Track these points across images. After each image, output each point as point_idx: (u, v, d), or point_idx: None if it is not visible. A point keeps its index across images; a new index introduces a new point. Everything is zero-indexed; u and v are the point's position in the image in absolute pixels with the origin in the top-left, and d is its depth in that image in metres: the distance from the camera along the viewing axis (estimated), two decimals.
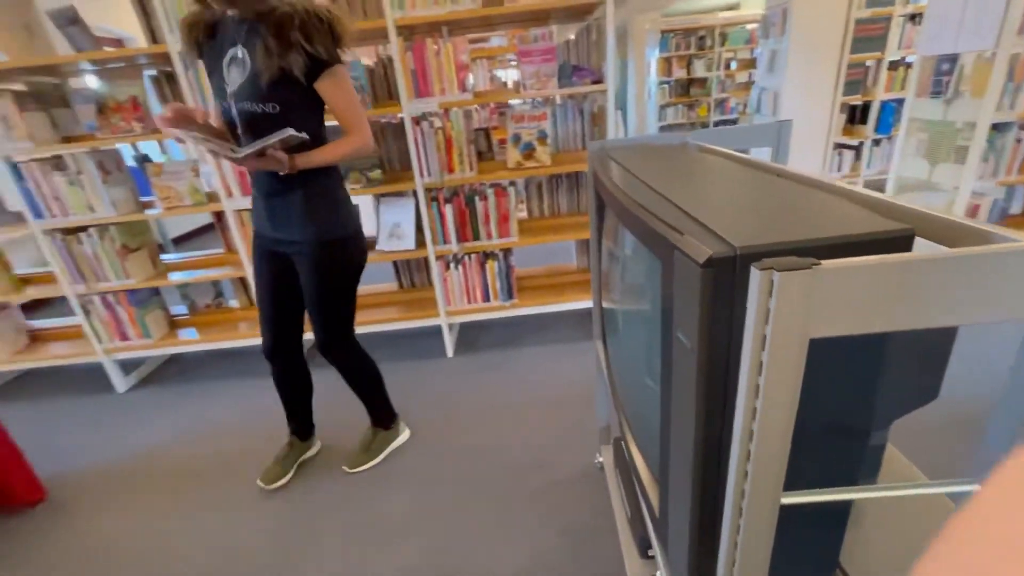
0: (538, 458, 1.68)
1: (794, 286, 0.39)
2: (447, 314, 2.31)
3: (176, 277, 2.29)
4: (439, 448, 1.79)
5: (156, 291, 2.42)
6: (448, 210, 2.12)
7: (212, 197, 2.16)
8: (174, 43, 1.87)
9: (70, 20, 2.05)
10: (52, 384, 2.56)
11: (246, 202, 2.12)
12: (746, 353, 0.42)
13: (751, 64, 6.80)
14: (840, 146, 3.96)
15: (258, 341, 1.62)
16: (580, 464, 1.63)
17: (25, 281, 2.38)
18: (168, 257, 2.52)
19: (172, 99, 2.12)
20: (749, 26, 6.73)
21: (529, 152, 2.15)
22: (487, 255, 2.24)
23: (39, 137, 1.97)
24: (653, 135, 1.30)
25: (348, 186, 2.11)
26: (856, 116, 3.95)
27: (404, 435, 1.83)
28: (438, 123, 2.07)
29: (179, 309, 2.60)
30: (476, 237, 2.20)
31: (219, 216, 2.34)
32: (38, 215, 2.07)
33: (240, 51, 1.24)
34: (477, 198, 2.14)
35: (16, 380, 2.65)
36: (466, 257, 2.23)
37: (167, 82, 2.10)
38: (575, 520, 1.43)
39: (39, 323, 2.63)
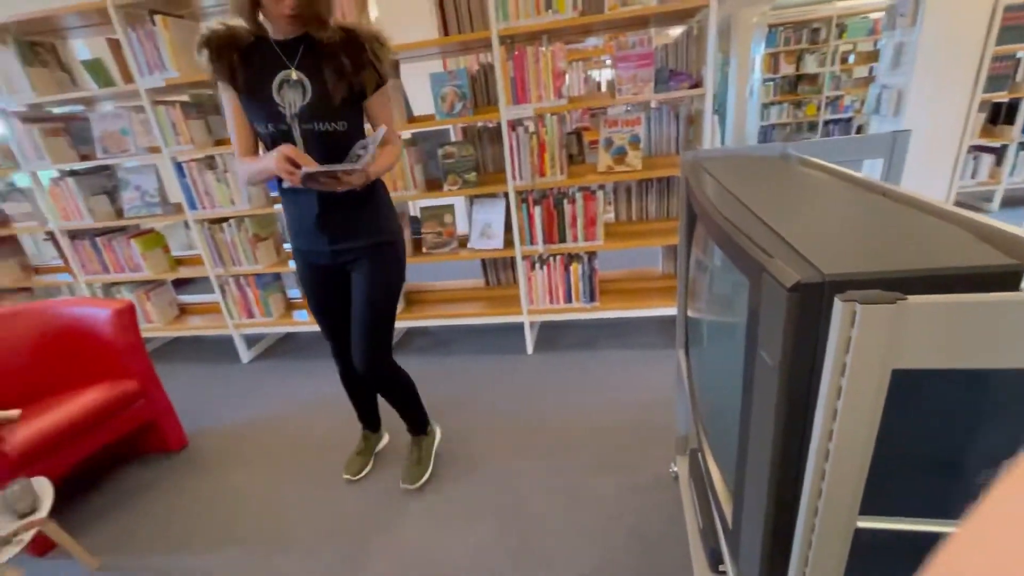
0: (612, 461, 1.71)
1: (877, 319, 0.41)
2: (529, 312, 2.40)
3: (294, 265, 2.59)
4: (515, 441, 1.88)
5: (278, 276, 2.76)
6: (537, 212, 2.20)
7: None
8: None
9: None
10: (193, 350, 3.01)
11: None
12: (825, 378, 0.45)
13: (872, 57, 6.17)
14: (977, 149, 3.51)
15: None
16: (654, 472, 1.64)
17: (179, 262, 2.82)
18: (289, 247, 2.85)
19: None
20: (873, 15, 6.11)
21: (620, 156, 2.17)
22: (572, 257, 2.29)
23: (198, 140, 2.32)
24: (751, 146, 1.28)
25: (446, 187, 2.27)
26: (1000, 116, 3.48)
27: (438, 432, 1.88)
28: (532, 128, 2.15)
29: (294, 293, 2.93)
30: (562, 239, 2.26)
31: None
32: (193, 206, 2.45)
33: (295, 73, 1.26)
34: (565, 201, 2.19)
35: (168, 344, 3.15)
36: (551, 258, 2.30)
37: None
38: (645, 526, 1.45)
39: (185, 298, 3.10)
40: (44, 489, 1.43)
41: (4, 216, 2.77)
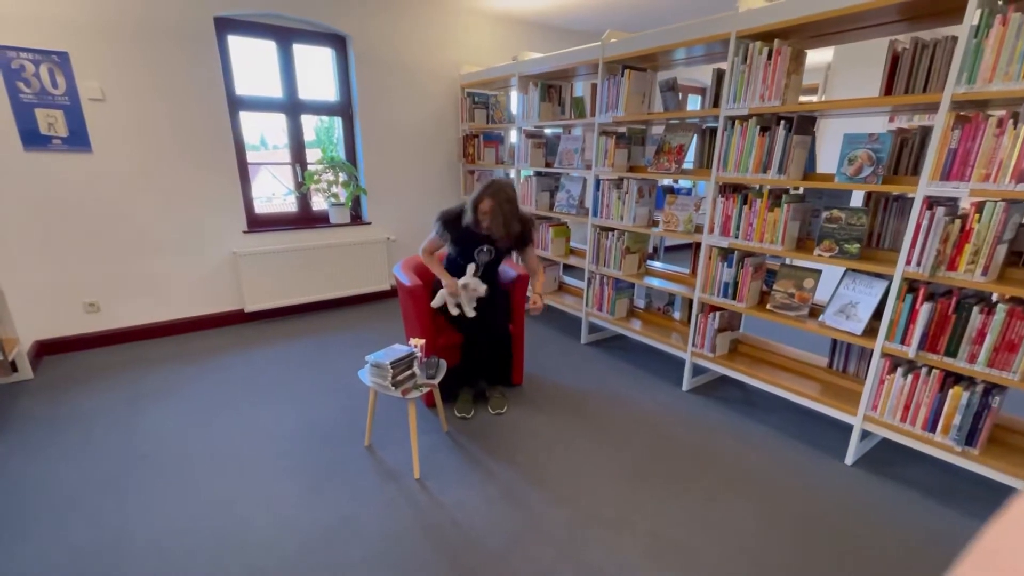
0: None
1: None
2: (866, 418, 2.00)
3: (648, 280, 2.96)
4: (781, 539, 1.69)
5: (631, 285, 3.20)
6: (924, 309, 1.80)
7: (698, 229, 2.65)
8: (726, 109, 2.35)
9: (669, 87, 2.90)
10: (554, 317, 3.86)
11: (723, 241, 2.47)
12: None
13: None
14: None
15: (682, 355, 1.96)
16: None
17: (571, 251, 3.65)
18: (650, 263, 3.25)
19: (706, 152, 2.67)
20: None
21: None
22: (958, 378, 1.77)
23: (617, 164, 2.95)
24: None
25: (817, 251, 2.13)
26: None
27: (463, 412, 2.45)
28: (959, 211, 1.75)
29: (639, 302, 3.33)
30: (950, 353, 1.77)
31: (697, 245, 2.82)
32: (595, 214, 3.14)
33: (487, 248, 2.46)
34: (976, 308, 1.70)
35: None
36: (924, 368, 1.83)
37: (710, 137, 2.66)
38: None
39: (565, 278, 3.97)
40: (442, 368, 2.26)
41: None
